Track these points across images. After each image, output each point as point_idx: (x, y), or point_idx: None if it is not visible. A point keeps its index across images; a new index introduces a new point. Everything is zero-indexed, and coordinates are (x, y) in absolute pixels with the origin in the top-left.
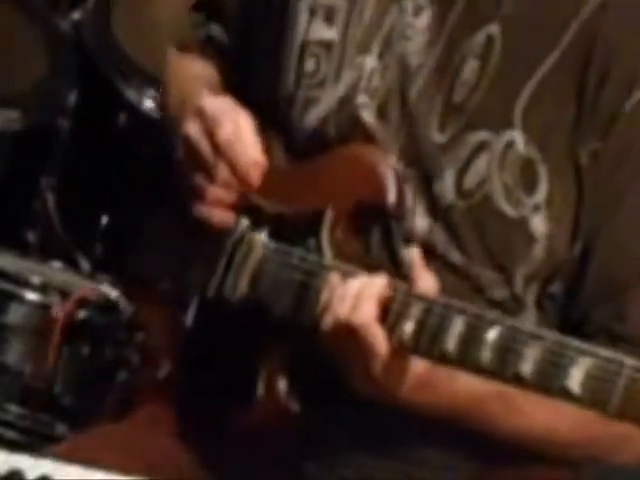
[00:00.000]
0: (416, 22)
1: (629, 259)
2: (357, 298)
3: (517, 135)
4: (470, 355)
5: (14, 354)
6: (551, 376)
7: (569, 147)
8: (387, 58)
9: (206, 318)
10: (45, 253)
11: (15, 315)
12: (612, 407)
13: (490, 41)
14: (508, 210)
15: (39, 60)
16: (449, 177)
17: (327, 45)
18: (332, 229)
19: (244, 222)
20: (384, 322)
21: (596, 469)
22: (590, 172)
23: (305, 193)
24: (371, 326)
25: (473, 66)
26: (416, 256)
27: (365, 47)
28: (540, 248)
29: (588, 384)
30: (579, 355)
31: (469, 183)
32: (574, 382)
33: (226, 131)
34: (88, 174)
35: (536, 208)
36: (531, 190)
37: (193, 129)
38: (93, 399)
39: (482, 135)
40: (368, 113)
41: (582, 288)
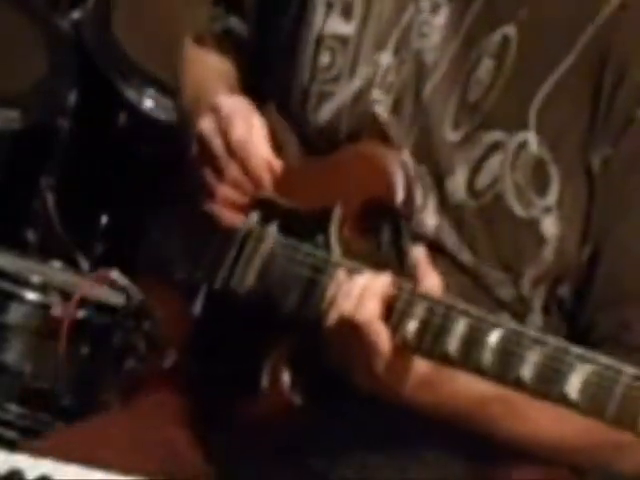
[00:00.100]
0: (433, 19)
1: (638, 265)
2: (361, 295)
3: (530, 136)
4: (471, 357)
5: (14, 354)
6: (551, 381)
7: (582, 150)
8: (403, 54)
9: (213, 309)
10: (45, 253)
11: (15, 315)
12: (609, 415)
13: (506, 41)
14: (519, 210)
15: (39, 60)
16: (461, 175)
17: (343, 40)
18: (341, 226)
19: (254, 215)
20: (388, 320)
21: (601, 474)
22: (601, 177)
23: (315, 189)
24: (374, 324)
25: (488, 66)
26: (422, 255)
27: (381, 43)
28: (550, 250)
29: (586, 391)
30: (579, 361)
31: (481, 182)
32: (573, 388)
33: (239, 131)
34: (88, 174)
35: (547, 209)
36: (542, 191)
37: (207, 126)
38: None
39: (496, 135)
40: (382, 109)
41: (589, 293)
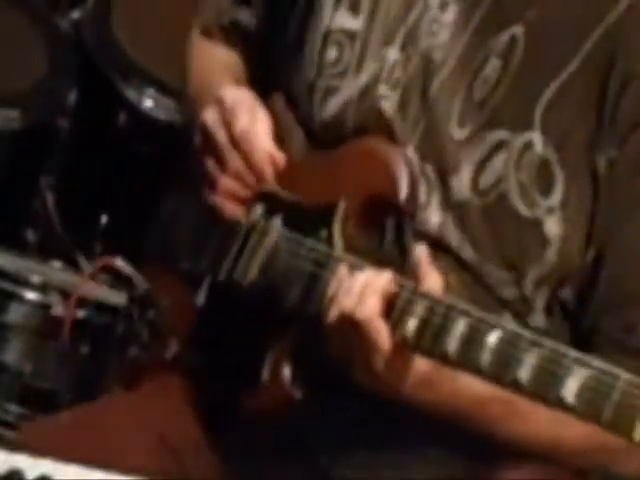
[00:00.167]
0: (442, 17)
1: None
2: (362, 292)
3: (536, 136)
4: (470, 357)
5: (14, 354)
6: (548, 384)
7: (587, 151)
8: (410, 51)
9: (216, 300)
10: (45, 253)
11: (15, 315)
12: (605, 420)
13: (513, 41)
14: (523, 210)
15: (39, 60)
16: (465, 173)
17: (350, 35)
18: (344, 221)
19: (258, 208)
20: (388, 318)
21: (603, 475)
22: (606, 179)
23: (319, 184)
24: (374, 321)
25: (495, 65)
26: (424, 254)
27: (388, 38)
28: (553, 251)
29: (583, 395)
30: (576, 365)
31: (485, 181)
32: (569, 392)
33: (243, 123)
34: (88, 174)
35: (551, 210)
36: (547, 192)
37: (211, 117)
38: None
39: (501, 134)
40: (389, 104)
41: (593, 295)
